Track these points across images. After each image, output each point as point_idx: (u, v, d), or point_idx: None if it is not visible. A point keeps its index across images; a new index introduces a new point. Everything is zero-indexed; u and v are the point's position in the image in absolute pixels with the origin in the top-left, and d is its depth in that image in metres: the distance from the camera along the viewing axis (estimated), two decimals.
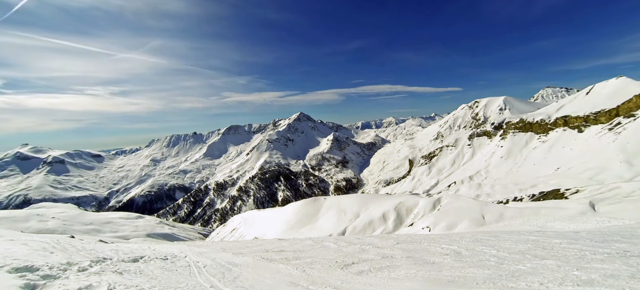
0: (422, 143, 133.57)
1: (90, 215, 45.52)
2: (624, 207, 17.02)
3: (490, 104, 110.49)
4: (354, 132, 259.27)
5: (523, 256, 7.61)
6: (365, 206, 29.11)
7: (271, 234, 30.13)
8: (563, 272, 5.90)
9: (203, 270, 8.22)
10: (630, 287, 4.83)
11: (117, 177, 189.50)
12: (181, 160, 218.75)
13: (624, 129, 47.98)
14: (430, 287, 6.01)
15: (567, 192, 28.70)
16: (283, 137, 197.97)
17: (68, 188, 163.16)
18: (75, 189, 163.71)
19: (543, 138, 67.18)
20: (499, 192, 41.70)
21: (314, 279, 7.19)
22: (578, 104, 64.97)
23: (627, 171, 37.68)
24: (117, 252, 10.17)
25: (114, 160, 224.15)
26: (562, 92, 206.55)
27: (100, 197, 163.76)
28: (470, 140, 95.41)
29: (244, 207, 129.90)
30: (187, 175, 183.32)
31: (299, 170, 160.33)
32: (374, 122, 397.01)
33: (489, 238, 10.87)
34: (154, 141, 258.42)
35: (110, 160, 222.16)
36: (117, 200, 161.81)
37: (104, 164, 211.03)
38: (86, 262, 7.56)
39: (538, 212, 18.30)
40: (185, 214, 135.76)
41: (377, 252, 10.01)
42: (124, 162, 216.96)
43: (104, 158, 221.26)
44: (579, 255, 7.16)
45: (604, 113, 55.57)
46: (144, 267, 8.06)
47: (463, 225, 19.21)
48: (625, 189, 20.82)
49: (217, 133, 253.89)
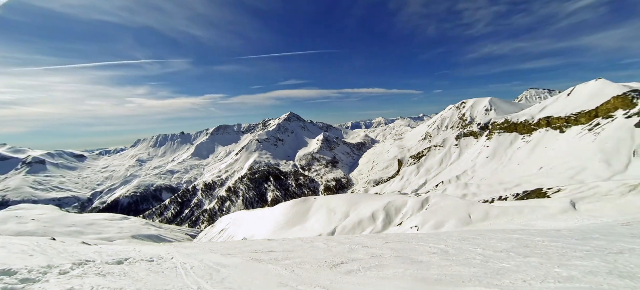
0: (410, 143, 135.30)
1: (73, 216, 44.13)
2: (602, 206, 17.68)
3: (476, 104, 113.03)
4: (343, 132, 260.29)
5: (507, 254, 7.80)
6: (355, 206, 29.28)
7: (260, 235, 29.94)
8: (545, 269, 6.09)
9: (190, 271, 8.08)
10: (608, 283, 5.02)
11: (101, 177, 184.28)
12: (168, 160, 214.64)
13: (603, 129, 49.87)
14: (418, 286, 6.09)
15: (549, 191, 29.62)
16: (273, 137, 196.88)
17: (49, 189, 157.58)
18: (56, 190, 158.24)
19: (527, 138, 69.08)
20: (485, 192, 42.65)
21: (303, 279, 7.17)
22: (560, 105, 67.10)
23: (605, 170, 39.18)
24: (100, 254, 9.89)
25: (97, 161, 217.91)
26: (544, 93, 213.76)
27: (83, 198, 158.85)
28: (458, 141, 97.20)
29: (233, 208, 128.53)
30: (174, 176, 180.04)
31: (288, 170, 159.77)
32: (363, 122, 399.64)
33: (475, 237, 11.10)
34: (140, 141, 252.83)
35: (94, 161, 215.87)
36: (101, 201, 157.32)
37: (86, 164, 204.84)
38: (67, 264, 7.32)
39: (522, 211, 18.81)
40: (172, 214, 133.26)
41: (366, 251, 10.07)
42: (108, 163, 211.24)
43: (87, 158, 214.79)
44: (560, 252, 7.40)
45: (584, 114, 57.60)
46: (128, 269, 7.86)
47: (450, 224, 19.56)
48: (604, 188, 21.64)
49: (205, 133, 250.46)
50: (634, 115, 47.05)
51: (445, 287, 5.83)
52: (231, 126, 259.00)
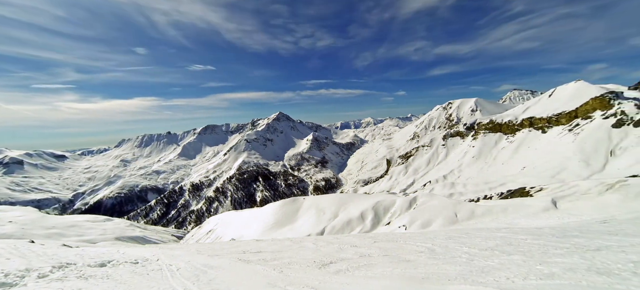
0: (399, 143, 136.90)
1: (53, 218, 42.58)
2: (581, 204, 18.34)
3: (462, 105, 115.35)
4: (333, 132, 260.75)
5: (492, 252, 7.99)
6: (344, 206, 29.38)
7: (249, 235, 29.66)
8: (528, 267, 6.26)
9: (176, 273, 7.93)
10: (586, 279, 5.21)
11: (83, 178, 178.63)
12: (154, 160, 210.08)
13: (582, 130, 51.75)
14: (406, 285, 6.16)
15: (532, 190, 30.49)
16: (262, 137, 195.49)
17: (27, 190, 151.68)
18: (35, 191, 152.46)
19: (511, 138, 70.97)
20: (471, 191, 43.56)
21: (292, 279, 7.15)
22: (542, 106, 69.24)
23: (584, 170, 40.69)
24: (82, 256, 9.59)
25: (79, 161, 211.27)
26: (527, 94, 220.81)
27: (64, 199, 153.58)
28: (445, 141, 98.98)
29: (221, 209, 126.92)
30: (160, 176, 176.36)
31: (278, 171, 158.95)
32: (352, 122, 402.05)
33: (461, 235, 11.32)
34: (125, 141, 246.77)
35: (76, 161, 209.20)
36: (83, 202, 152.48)
37: (68, 164, 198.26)
38: (47, 268, 7.08)
39: (506, 210, 19.31)
40: (158, 215, 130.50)
41: (355, 251, 10.13)
42: (91, 163, 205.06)
43: (69, 158, 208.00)
44: (542, 250, 7.63)
45: (565, 115, 59.63)
46: (111, 271, 7.66)
47: (437, 223, 19.89)
48: (583, 187, 22.44)
49: (192, 133, 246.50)
50: (611, 116, 49.01)
51: (432, 286, 5.92)
52: (219, 126, 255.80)
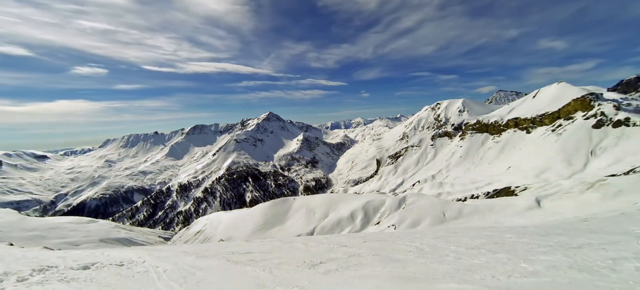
0: (388, 143, 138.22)
1: (33, 220, 41.08)
2: (564, 203, 18.92)
3: (450, 105, 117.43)
4: (323, 132, 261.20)
5: (478, 251, 8.13)
6: (334, 206, 29.45)
7: (238, 236, 29.37)
8: (512, 265, 6.40)
9: (163, 275, 7.76)
10: (569, 276, 5.36)
11: (66, 179, 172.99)
12: (141, 161, 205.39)
13: (565, 130, 53.41)
14: (394, 284, 6.20)
15: (517, 190, 31.29)
16: (252, 137, 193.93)
17: (6, 191, 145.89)
18: (14, 193, 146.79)
19: (497, 138, 72.61)
20: (459, 190, 44.39)
21: (281, 279, 7.10)
22: (526, 107, 71.12)
23: (566, 169, 42.00)
24: (64, 259, 9.29)
25: (62, 161, 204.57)
26: (512, 95, 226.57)
27: (46, 200, 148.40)
28: (433, 141, 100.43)
29: (210, 209, 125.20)
30: (147, 177, 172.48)
31: (268, 171, 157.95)
32: (343, 122, 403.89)
33: (448, 234, 11.50)
34: (110, 141, 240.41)
35: (58, 161, 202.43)
36: (65, 204, 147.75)
37: (49, 165, 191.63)
38: (27, 271, 6.83)
39: (492, 209, 19.74)
40: (145, 217, 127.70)
41: (345, 251, 10.14)
42: (74, 164, 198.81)
43: (50, 159, 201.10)
44: (526, 248, 7.82)
45: (548, 116, 61.41)
46: (95, 274, 7.44)
47: (426, 223, 20.16)
48: (565, 186, 23.16)
49: (180, 133, 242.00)
50: (591, 117, 50.77)
51: (420, 285, 5.97)
52: (208, 126, 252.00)
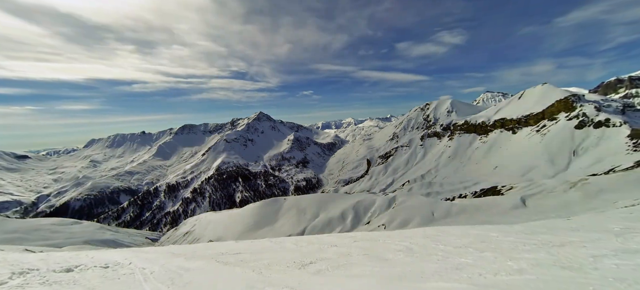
0: (379, 143, 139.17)
1: (14, 222, 39.75)
2: (548, 202, 19.46)
3: (439, 106, 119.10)
4: (314, 132, 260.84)
5: (466, 250, 8.27)
6: (325, 206, 29.48)
7: (228, 237, 29.08)
8: (498, 263, 6.54)
9: (150, 277, 7.60)
10: (552, 274, 5.51)
11: (48, 179, 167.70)
12: (127, 161, 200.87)
13: (549, 131, 54.96)
14: (383, 283, 6.24)
15: (503, 189, 32.00)
16: (242, 137, 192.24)
17: None
18: None
19: (484, 139, 74.09)
20: (447, 190, 45.11)
21: (271, 280, 7.05)
22: (512, 108, 72.84)
23: (550, 169, 43.22)
24: (46, 261, 8.98)
25: (44, 162, 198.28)
26: (499, 96, 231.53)
27: (27, 202, 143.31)
28: (423, 141, 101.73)
29: (198, 210, 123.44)
30: (133, 177, 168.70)
31: (258, 171, 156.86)
32: (333, 122, 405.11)
33: (437, 234, 11.64)
34: (95, 141, 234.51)
35: (40, 162, 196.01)
36: (48, 205, 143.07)
37: (31, 165, 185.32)
38: (6, 274, 6.58)
39: (479, 208, 20.14)
40: (131, 218, 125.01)
41: (335, 250, 10.15)
42: (57, 164, 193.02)
43: (31, 159, 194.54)
44: (512, 246, 7.99)
45: (533, 116, 63.08)
46: (79, 276, 7.22)
47: (415, 222, 20.40)
48: (549, 185, 23.83)
49: (169, 133, 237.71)
50: (574, 118, 52.41)
51: (409, 283, 6.03)
52: (197, 126, 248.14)
